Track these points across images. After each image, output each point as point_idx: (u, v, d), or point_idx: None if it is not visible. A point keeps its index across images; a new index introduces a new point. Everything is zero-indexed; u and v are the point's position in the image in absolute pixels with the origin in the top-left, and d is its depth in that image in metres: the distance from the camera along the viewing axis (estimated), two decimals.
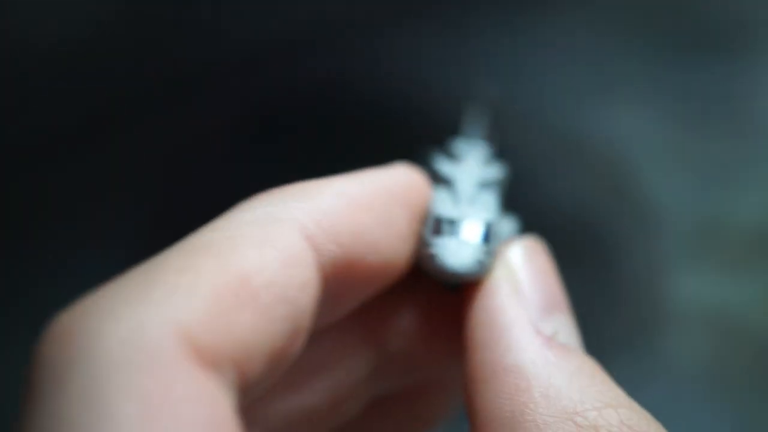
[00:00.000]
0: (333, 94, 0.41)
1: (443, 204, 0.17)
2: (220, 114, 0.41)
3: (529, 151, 0.39)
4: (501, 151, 0.21)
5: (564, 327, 0.15)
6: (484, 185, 0.18)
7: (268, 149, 0.40)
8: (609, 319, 0.34)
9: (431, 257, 0.15)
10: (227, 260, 0.12)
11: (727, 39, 0.41)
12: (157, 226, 0.38)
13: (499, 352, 0.14)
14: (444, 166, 0.18)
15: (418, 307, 0.17)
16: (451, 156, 0.19)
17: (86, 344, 0.10)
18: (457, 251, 0.15)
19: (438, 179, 0.18)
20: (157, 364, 0.10)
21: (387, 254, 0.15)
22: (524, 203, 0.38)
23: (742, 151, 0.39)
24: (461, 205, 0.17)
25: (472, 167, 0.18)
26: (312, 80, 0.42)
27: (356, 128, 0.41)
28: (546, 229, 0.39)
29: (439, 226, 0.16)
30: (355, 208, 0.14)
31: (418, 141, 0.40)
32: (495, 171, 0.19)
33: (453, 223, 0.16)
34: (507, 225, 0.18)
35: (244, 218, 0.13)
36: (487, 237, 0.16)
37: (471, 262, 0.15)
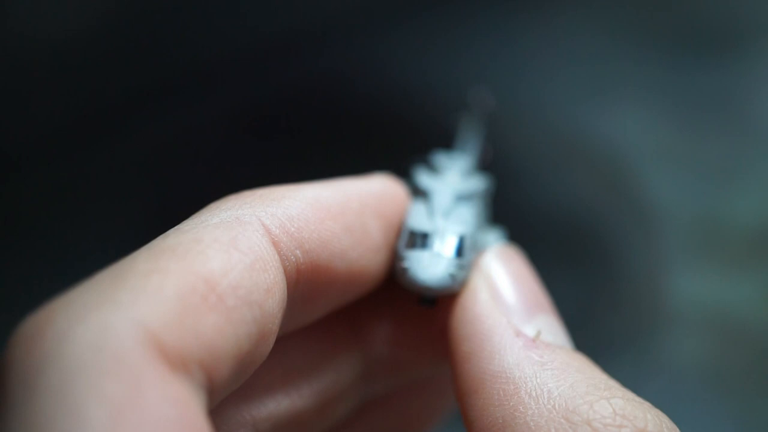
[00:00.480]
0: (332, 93, 0.42)
1: (418, 217, 0.17)
2: (220, 112, 0.41)
3: (529, 151, 0.39)
4: (492, 159, 0.21)
5: (548, 326, 0.15)
6: (463, 198, 0.18)
7: (268, 148, 0.40)
8: (609, 319, 0.34)
9: (403, 271, 0.15)
10: (193, 263, 0.12)
11: (726, 40, 0.42)
12: (157, 224, 0.38)
13: (483, 361, 0.14)
14: (423, 179, 0.18)
15: (403, 312, 0.17)
16: (432, 168, 0.19)
17: (54, 348, 0.10)
18: (429, 265, 0.15)
19: (417, 192, 0.18)
20: (124, 367, 0.10)
21: (356, 263, 0.15)
22: (524, 203, 0.38)
23: (741, 151, 0.39)
24: (436, 218, 0.16)
25: (450, 180, 0.18)
26: (311, 80, 0.42)
27: (355, 127, 0.41)
28: (546, 228, 0.39)
29: (412, 239, 0.16)
30: (323, 216, 0.14)
31: (418, 140, 0.40)
32: (475, 183, 0.19)
33: (426, 236, 0.16)
34: (491, 236, 0.18)
35: (211, 220, 0.13)
36: (461, 250, 0.16)
37: (442, 275, 0.15)
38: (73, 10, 0.36)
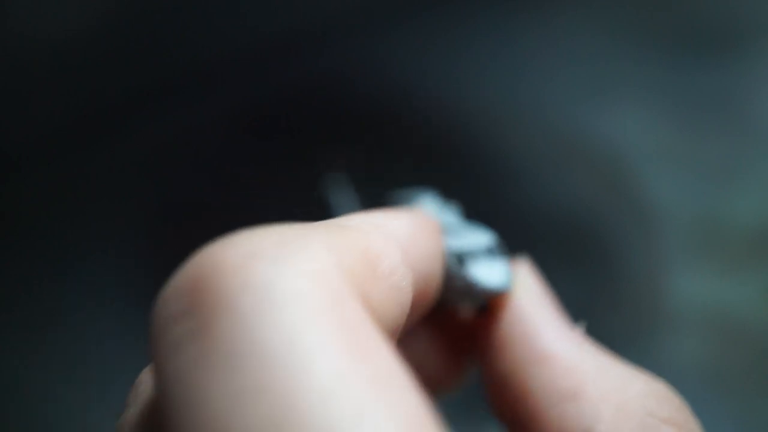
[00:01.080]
0: (332, 93, 0.42)
1: (447, 240, 0.18)
2: (220, 112, 0.41)
3: (529, 151, 0.39)
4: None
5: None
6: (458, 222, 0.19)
7: (268, 148, 0.40)
8: (609, 319, 0.35)
9: (470, 286, 0.17)
10: (366, 239, 0.12)
11: (726, 40, 0.42)
12: (157, 224, 0.38)
13: (545, 336, 0.15)
14: (426, 206, 0.19)
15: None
16: (407, 205, 0.20)
17: (276, 284, 0.09)
18: (490, 272, 0.17)
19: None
20: (342, 305, 0.10)
21: (435, 284, 0.16)
22: (524, 203, 0.38)
23: (741, 151, 0.39)
24: (460, 236, 0.18)
25: (435, 210, 0.19)
26: (311, 80, 0.42)
27: (355, 127, 0.41)
28: (546, 228, 0.39)
29: (460, 257, 0.17)
30: (424, 236, 0.15)
31: (418, 140, 0.40)
32: (454, 211, 0.20)
33: (472, 252, 0.17)
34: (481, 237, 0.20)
35: (359, 220, 0.14)
36: (501, 253, 0.17)
37: (507, 277, 0.17)
38: (73, 11, 0.36)
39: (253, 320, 0.09)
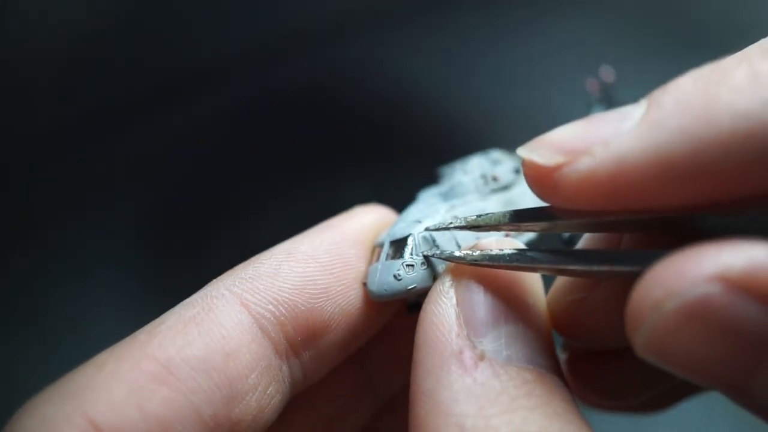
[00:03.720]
0: (332, 93, 0.42)
1: (385, 231, 0.16)
2: (220, 112, 0.41)
3: None
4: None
5: (511, 338, 0.14)
6: (453, 194, 0.17)
7: (268, 148, 0.40)
8: None
9: (366, 287, 0.15)
10: (148, 345, 0.13)
11: (727, 40, 0.42)
12: (156, 224, 0.38)
13: (419, 376, 0.13)
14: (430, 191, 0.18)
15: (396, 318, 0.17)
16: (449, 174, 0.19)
17: None
18: (375, 275, 0.15)
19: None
20: None
21: (341, 300, 0.15)
22: None
23: None
24: (396, 225, 0.16)
25: (478, 172, 0.18)
26: (312, 80, 0.42)
27: (354, 127, 0.41)
28: None
29: (373, 253, 0.16)
30: (295, 270, 0.15)
31: (418, 140, 0.40)
32: (509, 164, 0.18)
33: (381, 247, 0.16)
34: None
35: (187, 300, 0.14)
36: (404, 251, 0.15)
37: (382, 282, 0.15)
38: (74, 13, 0.36)
39: None
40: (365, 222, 0.17)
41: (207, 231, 0.37)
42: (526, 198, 0.17)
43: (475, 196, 0.17)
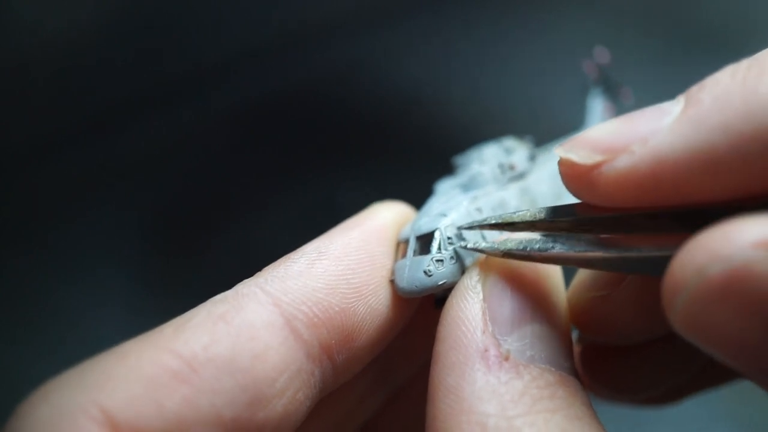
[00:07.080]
0: (332, 93, 0.42)
1: (406, 226, 0.16)
2: (220, 112, 0.41)
3: (534, 151, 0.39)
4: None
5: (536, 338, 0.14)
6: (471, 185, 0.17)
7: (268, 148, 0.40)
8: None
9: (394, 284, 0.15)
10: (173, 340, 0.13)
11: (728, 38, 0.42)
12: (156, 224, 0.38)
13: (443, 371, 0.13)
14: (444, 183, 0.18)
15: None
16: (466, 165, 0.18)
17: (20, 424, 0.12)
18: (403, 271, 0.15)
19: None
20: None
21: (371, 300, 0.15)
22: None
23: None
24: (419, 220, 0.16)
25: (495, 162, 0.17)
26: (311, 80, 0.42)
27: (354, 127, 0.41)
28: None
29: (399, 250, 0.16)
30: (325, 269, 0.14)
31: (418, 139, 0.40)
32: (523, 153, 0.18)
33: (405, 242, 0.15)
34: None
35: (216, 297, 0.14)
36: (431, 245, 0.15)
37: (412, 278, 0.15)
38: (75, 12, 0.36)
39: None
40: (388, 218, 0.16)
41: (207, 231, 0.37)
42: (541, 185, 0.18)
43: (494, 186, 0.17)
